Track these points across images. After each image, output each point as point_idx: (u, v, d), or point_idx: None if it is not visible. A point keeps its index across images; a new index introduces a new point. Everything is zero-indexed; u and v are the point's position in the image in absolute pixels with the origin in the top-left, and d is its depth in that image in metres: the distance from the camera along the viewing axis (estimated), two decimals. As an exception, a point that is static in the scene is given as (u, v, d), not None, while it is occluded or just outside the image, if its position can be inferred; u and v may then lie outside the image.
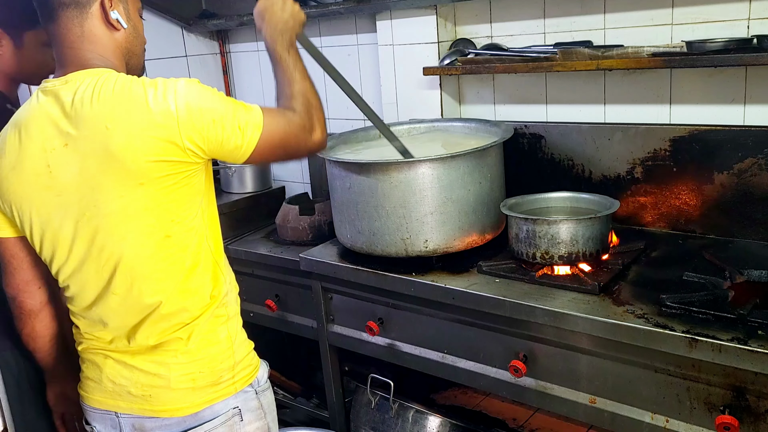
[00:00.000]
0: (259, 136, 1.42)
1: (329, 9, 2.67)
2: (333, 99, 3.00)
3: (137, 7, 1.52)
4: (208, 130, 1.36)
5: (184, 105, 1.34)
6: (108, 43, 1.44)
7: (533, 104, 2.40)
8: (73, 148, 1.36)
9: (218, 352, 1.51)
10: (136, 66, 1.52)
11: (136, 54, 1.51)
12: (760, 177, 1.95)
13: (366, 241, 2.06)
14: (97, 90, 1.36)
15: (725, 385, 1.49)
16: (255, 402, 1.58)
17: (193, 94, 1.36)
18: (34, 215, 1.42)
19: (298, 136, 1.50)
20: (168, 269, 1.43)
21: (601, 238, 1.85)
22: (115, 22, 1.43)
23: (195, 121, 1.35)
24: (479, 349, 1.91)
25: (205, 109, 1.36)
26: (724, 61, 1.83)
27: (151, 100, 1.33)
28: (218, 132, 1.37)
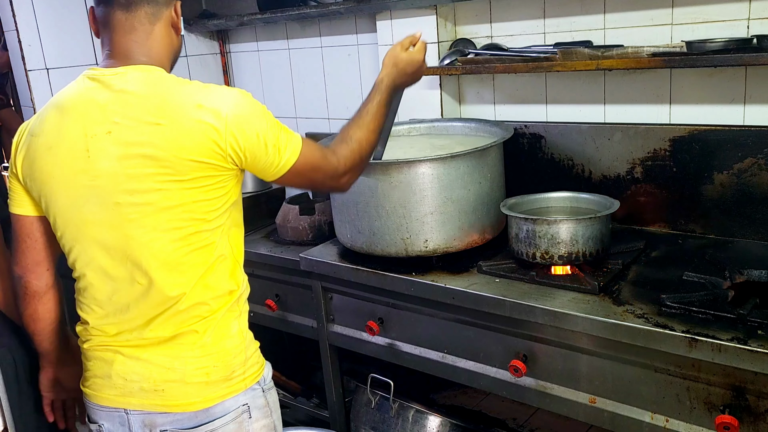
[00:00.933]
0: (294, 162, 1.48)
1: (329, 9, 2.67)
2: (333, 99, 3.01)
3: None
4: (251, 141, 1.41)
5: (234, 112, 1.39)
6: (168, 45, 1.50)
7: (533, 104, 2.40)
8: (116, 137, 1.39)
9: (232, 346, 1.53)
10: (172, 68, 1.57)
11: (175, 61, 1.57)
12: (759, 177, 1.95)
13: (366, 240, 2.07)
14: (150, 84, 1.41)
15: (725, 385, 1.49)
16: (262, 400, 1.59)
17: (244, 104, 1.42)
18: (62, 197, 1.44)
19: (326, 174, 1.57)
20: (192, 264, 1.45)
21: (601, 238, 1.85)
22: (179, 27, 1.50)
23: (241, 129, 1.40)
24: (479, 349, 1.91)
25: (252, 121, 1.42)
26: (724, 61, 1.83)
27: (204, 101, 1.39)
28: (260, 146, 1.43)
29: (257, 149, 1.43)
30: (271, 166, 1.47)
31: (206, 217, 1.44)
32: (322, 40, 2.96)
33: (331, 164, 1.57)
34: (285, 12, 2.76)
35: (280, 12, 2.78)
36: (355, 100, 2.90)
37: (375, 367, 2.31)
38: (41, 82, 2.98)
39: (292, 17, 2.81)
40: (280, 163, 1.47)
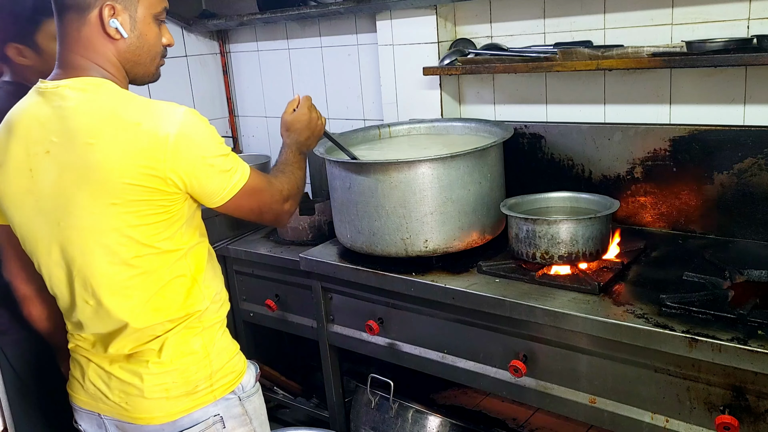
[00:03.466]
0: (241, 187, 1.44)
1: (329, 9, 2.67)
2: (333, 99, 3.01)
3: (153, 12, 1.43)
4: (195, 165, 1.35)
5: (176, 133, 1.32)
6: (105, 51, 1.39)
7: (533, 104, 2.40)
8: (53, 156, 1.35)
9: (193, 362, 1.48)
10: (143, 75, 1.47)
11: (140, 63, 1.44)
12: (759, 177, 1.95)
13: (366, 241, 2.06)
14: (87, 102, 1.34)
15: (725, 385, 1.49)
16: (239, 408, 1.55)
17: (190, 125, 1.34)
18: (16, 215, 1.43)
19: (274, 198, 1.56)
20: (138, 287, 1.41)
21: (601, 238, 1.85)
22: (113, 31, 1.38)
23: (184, 153, 1.33)
24: (479, 349, 1.91)
25: (198, 144, 1.35)
26: (723, 61, 1.82)
27: (143, 120, 1.32)
28: (205, 170, 1.37)
29: (202, 174, 1.36)
30: (216, 192, 1.41)
31: (149, 242, 1.38)
32: (322, 40, 2.96)
33: (276, 187, 1.57)
34: (285, 12, 2.76)
35: (280, 12, 2.78)
36: (355, 100, 2.90)
37: (375, 367, 2.31)
38: (41, 82, 2.97)
39: (292, 17, 2.81)
40: (228, 186, 1.42)
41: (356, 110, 2.92)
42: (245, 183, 1.45)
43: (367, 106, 2.88)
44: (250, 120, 3.43)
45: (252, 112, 3.40)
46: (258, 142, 3.42)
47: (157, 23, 1.45)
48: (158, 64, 1.49)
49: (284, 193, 1.59)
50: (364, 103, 2.88)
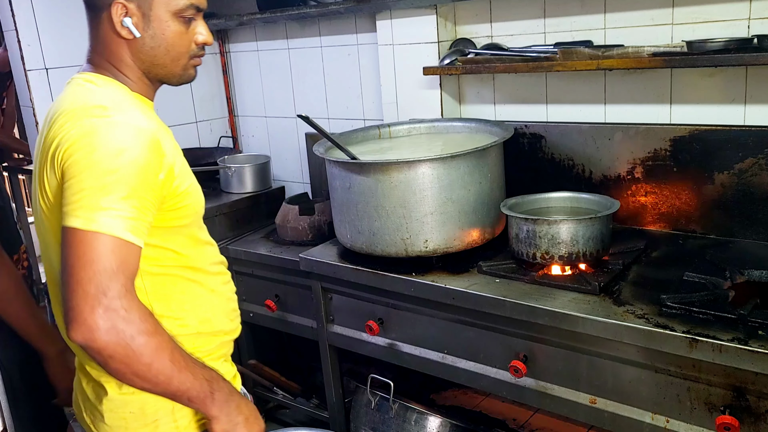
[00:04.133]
0: (75, 227, 1.13)
1: (329, 9, 2.66)
2: (333, 99, 3.01)
3: (172, 9, 1.33)
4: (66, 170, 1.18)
5: (68, 139, 1.19)
6: (119, 52, 1.33)
7: (533, 104, 2.40)
8: (38, 150, 1.32)
9: (150, 394, 1.28)
10: (167, 75, 1.38)
11: (159, 64, 1.36)
12: (760, 177, 1.94)
13: (366, 241, 2.06)
14: (68, 94, 1.30)
15: (725, 386, 1.49)
16: None
17: (84, 143, 1.17)
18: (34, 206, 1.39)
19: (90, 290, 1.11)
20: None
21: (601, 238, 1.85)
22: (125, 31, 1.31)
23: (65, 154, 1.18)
24: (479, 350, 1.91)
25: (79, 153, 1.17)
26: (724, 60, 1.82)
27: (57, 115, 1.26)
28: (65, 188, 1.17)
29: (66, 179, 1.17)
30: (66, 203, 1.16)
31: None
32: (321, 40, 2.96)
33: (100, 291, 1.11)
34: (285, 12, 2.76)
35: (279, 12, 2.77)
36: (355, 100, 2.90)
37: (375, 367, 2.31)
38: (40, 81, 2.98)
39: (291, 17, 2.81)
40: (69, 208, 1.15)
41: (356, 110, 2.92)
42: (83, 230, 1.12)
43: (367, 106, 2.88)
44: (250, 120, 3.42)
45: (252, 112, 3.39)
46: (258, 142, 3.42)
47: (181, 21, 1.34)
48: (185, 65, 1.38)
49: (114, 307, 1.11)
50: (364, 103, 2.88)
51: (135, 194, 1.17)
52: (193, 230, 1.39)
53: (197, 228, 1.41)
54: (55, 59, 2.99)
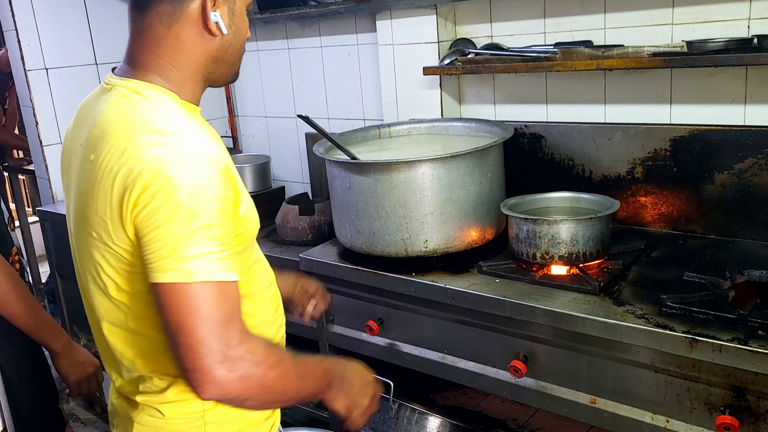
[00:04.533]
0: (173, 282, 1.06)
1: (329, 9, 2.66)
2: (333, 99, 3.01)
3: (247, 2, 1.26)
4: (148, 217, 1.07)
5: (139, 191, 1.06)
6: (192, 51, 1.20)
7: (533, 104, 2.40)
8: (78, 158, 1.20)
9: (185, 424, 1.24)
10: (227, 74, 1.28)
11: (227, 62, 1.25)
12: (760, 177, 1.94)
13: (366, 241, 2.06)
14: (115, 112, 1.15)
15: (725, 386, 1.49)
16: None
17: (159, 185, 1.05)
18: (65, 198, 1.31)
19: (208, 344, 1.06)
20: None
21: (601, 238, 1.85)
22: (213, 26, 1.18)
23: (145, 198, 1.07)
24: (479, 350, 1.91)
25: (161, 199, 1.06)
26: (724, 60, 1.82)
27: (130, 146, 1.09)
28: (151, 230, 1.07)
29: (147, 231, 1.07)
30: (155, 258, 1.07)
31: (123, 284, 1.17)
32: (321, 40, 2.96)
33: (230, 340, 1.07)
34: (285, 12, 2.76)
35: (279, 12, 2.77)
36: (355, 100, 2.90)
37: (375, 367, 2.29)
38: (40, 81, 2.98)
39: (291, 17, 2.81)
40: (161, 264, 1.06)
41: (356, 110, 2.92)
42: (182, 284, 1.05)
43: (367, 106, 2.88)
44: (250, 120, 3.42)
45: (252, 112, 3.39)
46: (258, 142, 3.42)
47: (246, 15, 1.27)
48: (239, 63, 1.30)
49: (240, 355, 1.07)
50: (364, 103, 2.88)
51: (220, 229, 1.09)
52: (247, 254, 1.28)
53: (250, 251, 1.31)
54: (55, 59, 2.99)
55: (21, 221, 4.44)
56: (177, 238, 1.05)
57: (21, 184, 4.83)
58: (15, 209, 4.36)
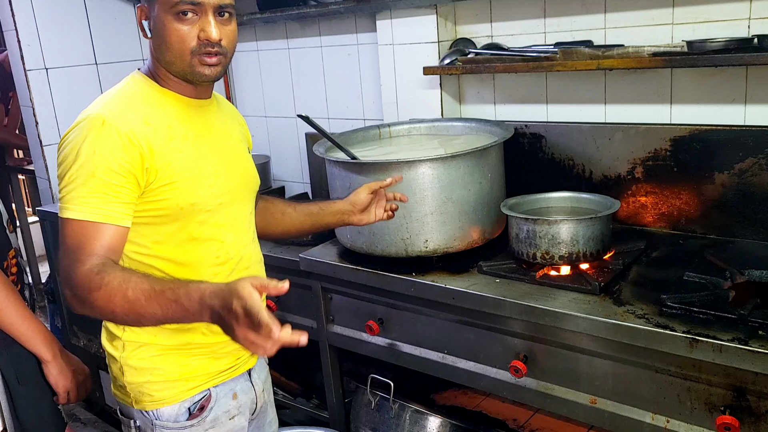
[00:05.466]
0: (64, 217, 1.34)
1: (329, 9, 2.66)
2: (333, 99, 3.01)
3: (168, 8, 1.38)
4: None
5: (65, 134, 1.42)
6: (151, 46, 1.48)
7: (533, 104, 2.40)
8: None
9: (108, 351, 1.55)
10: (182, 72, 1.44)
11: (170, 61, 1.43)
12: (760, 177, 1.94)
13: (366, 241, 2.06)
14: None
15: (726, 386, 1.49)
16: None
17: (75, 131, 1.37)
18: None
19: (71, 271, 1.31)
20: None
21: (601, 238, 1.85)
22: (143, 32, 1.47)
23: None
24: (479, 350, 1.91)
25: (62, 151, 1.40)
26: (724, 60, 1.82)
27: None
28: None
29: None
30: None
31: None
32: (321, 40, 2.96)
33: (89, 267, 1.29)
34: (285, 11, 2.76)
35: (279, 11, 2.77)
36: (355, 100, 2.90)
37: (375, 367, 2.30)
38: (40, 81, 2.98)
39: (291, 17, 2.81)
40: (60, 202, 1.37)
41: (356, 110, 2.92)
42: (66, 218, 1.34)
43: (367, 106, 2.87)
44: (250, 120, 3.42)
45: (252, 112, 3.39)
46: (258, 142, 3.42)
47: (177, 19, 1.38)
48: (190, 62, 1.41)
49: (87, 286, 1.28)
50: (364, 103, 2.88)
51: (96, 180, 1.35)
52: (182, 224, 1.45)
53: (188, 222, 1.46)
54: (55, 59, 2.99)
55: (21, 221, 4.44)
56: (60, 179, 1.36)
57: (21, 184, 4.83)
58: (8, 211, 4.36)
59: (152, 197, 1.39)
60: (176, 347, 1.51)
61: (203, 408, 1.54)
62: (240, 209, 1.58)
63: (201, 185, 1.45)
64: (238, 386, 1.62)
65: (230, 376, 1.60)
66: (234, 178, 1.55)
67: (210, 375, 1.56)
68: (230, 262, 1.54)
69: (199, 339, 1.52)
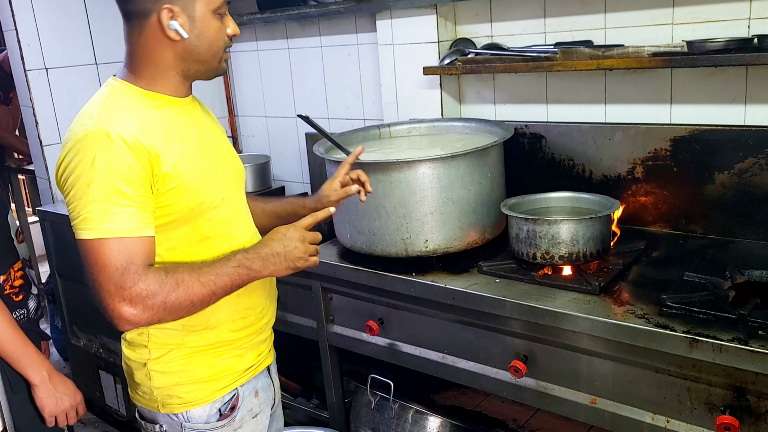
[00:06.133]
0: (83, 238, 1.31)
1: (329, 9, 2.66)
2: (333, 99, 3.01)
3: (212, 7, 1.41)
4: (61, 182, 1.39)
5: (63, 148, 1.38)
6: (160, 53, 1.41)
7: (533, 104, 2.40)
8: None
9: (132, 361, 1.54)
10: (207, 70, 1.47)
11: (201, 61, 1.44)
12: (760, 177, 1.94)
13: (366, 241, 2.06)
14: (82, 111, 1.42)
15: (726, 386, 1.49)
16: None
17: (74, 145, 1.34)
18: None
19: (108, 286, 1.30)
20: None
21: (601, 238, 1.85)
22: (173, 33, 1.39)
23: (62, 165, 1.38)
24: (479, 350, 1.91)
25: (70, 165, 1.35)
26: (724, 60, 1.82)
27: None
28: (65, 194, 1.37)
29: (65, 194, 1.36)
30: (71, 219, 1.34)
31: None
32: (321, 40, 2.96)
33: (129, 277, 1.30)
34: (285, 12, 2.76)
35: (279, 12, 2.77)
36: (355, 100, 2.90)
37: (375, 367, 2.30)
38: (40, 81, 2.98)
39: (291, 17, 2.81)
40: (74, 224, 1.33)
41: (356, 110, 2.92)
42: (86, 239, 1.31)
43: (367, 106, 2.88)
44: (250, 120, 3.42)
45: (252, 112, 3.39)
46: (258, 142, 3.42)
47: (218, 17, 1.43)
48: (222, 58, 1.48)
49: (136, 294, 1.30)
50: (364, 103, 2.88)
51: (114, 193, 1.33)
52: (191, 225, 1.46)
53: (196, 223, 1.46)
54: (55, 59, 2.99)
55: (21, 221, 4.44)
56: (76, 202, 1.32)
57: (21, 184, 4.83)
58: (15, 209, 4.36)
59: (162, 202, 1.39)
60: (204, 348, 1.51)
61: (234, 408, 1.55)
62: (239, 201, 1.59)
63: (205, 183, 1.46)
64: (259, 383, 1.63)
65: (253, 374, 1.61)
66: (229, 171, 1.56)
67: (237, 374, 1.57)
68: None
69: (226, 336, 1.53)
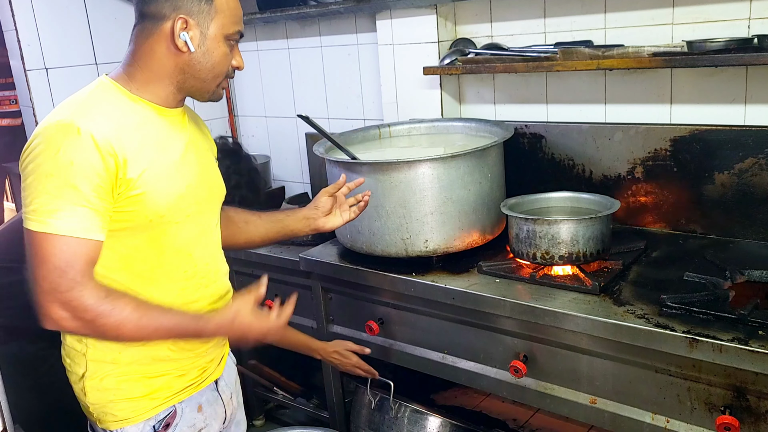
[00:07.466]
0: (30, 229, 1.28)
1: (329, 9, 2.66)
2: (333, 99, 3.00)
3: (225, 32, 1.42)
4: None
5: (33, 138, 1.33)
6: (161, 60, 1.41)
7: (533, 104, 2.40)
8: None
9: (70, 370, 1.49)
10: (200, 90, 1.46)
11: (199, 78, 1.43)
12: (760, 177, 1.94)
13: (366, 241, 2.06)
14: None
15: (726, 386, 1.49)
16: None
17: (39, 137, 1.30)
18: None
19: (45, 286, 1.27)
20: None
21: (601, 238, 1.85)
22: (181, 44, 1.38)
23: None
24: (479, 350, 1.91)
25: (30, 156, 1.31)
26: (724, 60, 1.82)
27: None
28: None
29: (23, 179, 1.31)
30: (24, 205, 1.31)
31: None
32: (321, 40, 2.96)
33: (67, 282, 1.26)
34: (285, 11, 2.76)
35: (279, 11, 2.77)
36: (355, 100, 2.90)
37: (375, 367, 2.30)
38: (40, 81, 2.98)
39: (291, 17, 2.81)
40: (25, 213, 1.29)
41: (356, 110, 2.92)
42: (32, 230, 1.27)
43: (367, 106, 2.88)
44: (250, 120, 3.42)
45: (252, 112, 3.39)
46: (258, 142, 3.42)
47: (227, 44, 1.43)
48: (220, 84, 1.47)
49: (67, 300, 1.27)
50: (364, 103, 2.88)
51: (73, 191, 1.29)
52: (152, 234, 1.41)
53: (159, 233, 1.42)
54: (55, 59, 2.99)
55: (20, 221, 4.43)
56: (30, 190, 1.28)
57: (21, 184, 4.82)
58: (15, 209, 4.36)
59: (121, 207, 1.35)
60: (141, 364, 1.46)
61: (168, 425, 1.49)
62: (207, 221, 1.54)
63: (171, 197, 1.41)
64: (203, 398, 1.57)
65: (196, 390, 1.55)
66: (203, 190, 1.51)
67: (175, 391, 1.51)
68: (197, 276, 1.51)
69: (164, 354, 1.47)
